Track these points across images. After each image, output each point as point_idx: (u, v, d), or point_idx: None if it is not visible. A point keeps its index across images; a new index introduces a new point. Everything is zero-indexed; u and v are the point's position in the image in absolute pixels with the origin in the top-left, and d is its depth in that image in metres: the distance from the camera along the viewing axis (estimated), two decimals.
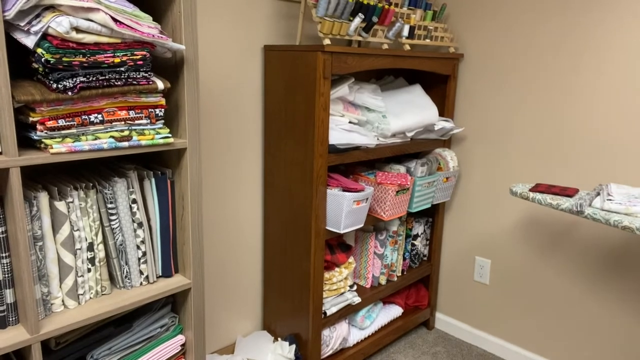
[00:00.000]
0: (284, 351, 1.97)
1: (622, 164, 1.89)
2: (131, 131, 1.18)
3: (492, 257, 2.34)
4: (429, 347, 2.43)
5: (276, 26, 1.97)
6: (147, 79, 1.17)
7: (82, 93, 1.07)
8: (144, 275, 1.33)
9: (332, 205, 1.85)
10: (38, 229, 1.12)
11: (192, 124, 1.29)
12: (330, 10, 1.73)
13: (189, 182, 1.32)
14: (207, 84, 1.81)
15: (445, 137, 2.31)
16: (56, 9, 1.01)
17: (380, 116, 1.98)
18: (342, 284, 2.04)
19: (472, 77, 2.29)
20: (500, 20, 2.15)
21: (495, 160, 2.26)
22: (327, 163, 1.82)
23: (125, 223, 1.26)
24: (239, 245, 2.04)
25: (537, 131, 2.10)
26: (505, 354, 2.35)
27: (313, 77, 1.73)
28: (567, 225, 2.07)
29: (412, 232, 2.39)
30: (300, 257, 1.92)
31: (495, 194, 2.28)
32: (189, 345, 1.44)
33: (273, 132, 1.95)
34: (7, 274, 1.11)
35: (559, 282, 2.12)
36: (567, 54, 1.97)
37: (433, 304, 2.57)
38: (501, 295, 2.33)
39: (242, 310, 2.12)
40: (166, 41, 1.16)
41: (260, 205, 2.08)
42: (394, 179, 2.00)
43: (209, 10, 1.75)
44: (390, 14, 1.91)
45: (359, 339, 2.20)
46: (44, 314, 1.17)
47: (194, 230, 1.35)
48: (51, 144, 1.06)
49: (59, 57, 1.02)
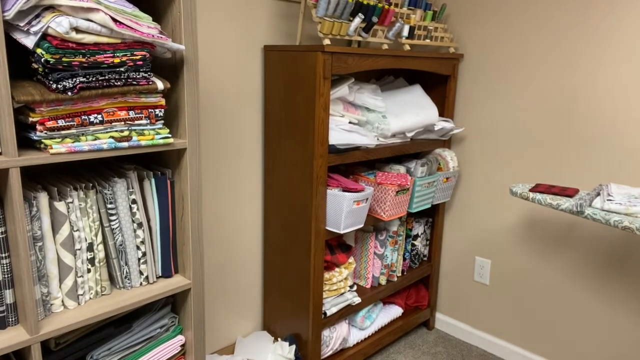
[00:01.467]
0: (284, 351, 1.97)
1: (622, 164, 1.89)
2: (131, 131, 1.18)
3: (492, 257, 2.34)
4: (429, 348, 2.42)
5: (276, 26, 1.97)
6: (146, 79, 1.17)
7: (81, 93, 1.07)
8: (143, 275, 1.33)
9: (332, 206, 1.85)
10: (38, 230, 1.12)
11: (192, 124, 1.29)
12: (330, 10, 1.73)
13: (189, 182, 1.31)
14: (207, 84, 1.81)
15: (445, 137, 2.31)
16: (56, 9, 1.01)
17: (380, 116, 1.98)
18: (342, 284, 2.04)
19: (472, 77, 2.28)
20: (500, 20, 2.15)
21: (495, 160, 2.26)
22: (327, 163, 1.82)
23: (125, 223, 1.26)
24: (239, 246, 2.04)
25: (537, 131, 2.10)
26: (505, 354, 2.35)
27: (313, 78, 1.73)
28: (567, 225, 2.07)
29: (412, 232, 2.39)
30: (300, 258, 1.92)
31: (495, 194, 2.28)
32: (189, 346, 1.44)
33: (273, 132, 1.95)
34: (7, 275, 1.11)
35: (559, 282, 2.12)
36: (567, 54, 1.97)
37: (433, 304, 2.57)
38: (501, 295, 2.33)
39: (242, 310, 2.12)
40: (166, 41, 1.16)
41: (260, 206, 2.08)
42: (394, 179, 2.00)
43: (209, 11, 1.75)
44: (390, 14, 1.91)
45: (359, 339, 2.20)
46: (44, 314, 1.17)
47: (193, 230, 1.35)
48: (51, 145, 1.06)
49: (59, 57, 1.02)
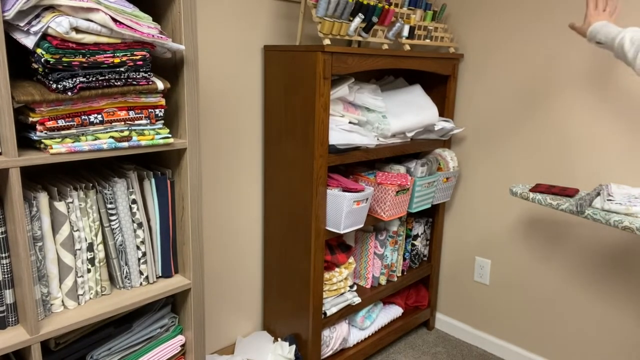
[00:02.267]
0: (284, 351, 1.97)
1: (622, 164, 1.89)
2: (131, 131, 1.18)
3: (492, 257, 2.34)
4: (429, 348, 2.42)
5: (276, 26, 1.97)
6: (146, 79, 1.17)
7: (81, 93, 1.07)
8: (143, 275, 1.33)
9: (332, 206, 1.85)
10: (38, 230, 1.12)
11: (192, 124, 1.29)
12: (330, 10, 1.73)
13: (189, 182, 1.31)
14: (207, 84, 1.81)
15: (445, 137, 2.31)
16: (56, 9, 1.01)
17: (380, 116, 1.98)
18: (342, 284, 2.04)
19: (472, 77, 2.28)
20: (500, 20, 2.15)
21: (495, 160, 2.26)
22: (327, 163, 1.82)
23: (125, 223, 1.26)
24: (239, 246, 2.04)
25: (537, 131, 2.10)
26: (505, 354, 2.35)
27: (313, 78, 1.73)
28: (567, 225, 2.06)
29: (412, 233, 2.39)
30: (300, 258, 1.92)
31: (495, 194, 2.28)
32: (189, 346, 1.44)
33: (273, 132, 1.95)
34: (7, 275, 1.11)
35: (559, 282, 2.12)
36: (567, 54, 1.97)
37: (433, 304, 2.57)
38: (501, 295, 2.33)
39: (242, 310, 2.12)
40: (166, 41, 1.16)
41: (260, 206, 2.08)
42: (394, 179, 2.00)
43: (209, 11, 1.75)
44: (390, 14, 1.91)
45: (359, 339, 2.20)
46: (44, 314, 1.16)
47: (193, 230, 1.35)
48: (51, 145, 1.06)
49: (59, 57, 1.02)
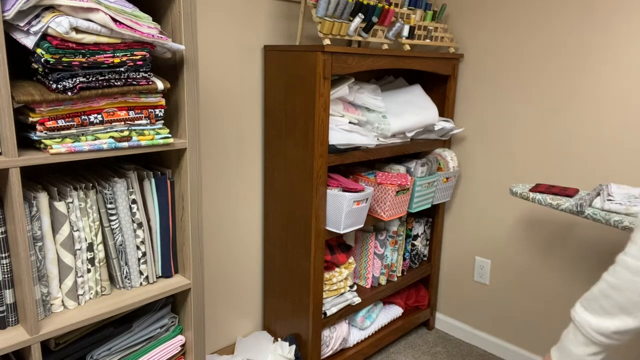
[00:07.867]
0: (284, 351, 1.97)
1: (622, 164, 1.89)
2: (131, 131, 1.18)
3: (492, 257, 2.34)
4: (429, 348, 2.42)
5: (276, 26, 1.97)
6: (146, 79, 1.17)
7: (81, 93, 1.07)
8: (143, 275, 1.33)
9: (332, 206, 1.85)
10: (38, 230, 1.12)
11: (192, 124, 1.29)
12: (330, 10, 1.73)
13: (189, 182, 1.31)
14: (207, 84, 1.80)
15: (445, 137, 2.31)
16: (56, 9, 1.01)
17: (380, 116, 1.98)
18: (342, 284, 2.04)
19: (472, 77, 2.28)
20: (500, 20, 2.15)
21: (495, 160, 2.26)
22: (327, 163, 1.82)
23: (125, 223, 1.26)
24: (239, 246, 2.04)
25: (537, 131, 2.10)
26: (505, 354, 2.35)
27: (313, 77, 1.73)
28: (567, 225, 2.06)
29: (412, 233, 2.39)
30: (300, 257, 1.92)
31: (495, 194, 2.28)
32: (189, 346, 1.44)
33: (273, 132, 1.95)
34: (7, 275, 1.11)
35: (559, 282, 2.12)
36: (567, 54, 1.97)
37: (433, 304, 2.57)
38: (501, 295, 2.33)
39: (242, 310, 2.12)
40: (166, 41, 1.16)
41: (260, 206, 2.08)
42: (394, 179, 2.00)
43: (209, 11, 1.75)
44: (390, 14, 1.91)
45: (359, 339, 2.20)
46: (44, 314, 1.16)
47: (193, 230, 1.35)
48: (51, 145, 1.06)
49: (59, 57, 1.02)
